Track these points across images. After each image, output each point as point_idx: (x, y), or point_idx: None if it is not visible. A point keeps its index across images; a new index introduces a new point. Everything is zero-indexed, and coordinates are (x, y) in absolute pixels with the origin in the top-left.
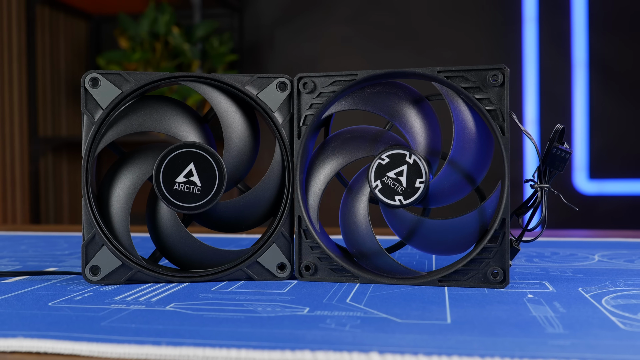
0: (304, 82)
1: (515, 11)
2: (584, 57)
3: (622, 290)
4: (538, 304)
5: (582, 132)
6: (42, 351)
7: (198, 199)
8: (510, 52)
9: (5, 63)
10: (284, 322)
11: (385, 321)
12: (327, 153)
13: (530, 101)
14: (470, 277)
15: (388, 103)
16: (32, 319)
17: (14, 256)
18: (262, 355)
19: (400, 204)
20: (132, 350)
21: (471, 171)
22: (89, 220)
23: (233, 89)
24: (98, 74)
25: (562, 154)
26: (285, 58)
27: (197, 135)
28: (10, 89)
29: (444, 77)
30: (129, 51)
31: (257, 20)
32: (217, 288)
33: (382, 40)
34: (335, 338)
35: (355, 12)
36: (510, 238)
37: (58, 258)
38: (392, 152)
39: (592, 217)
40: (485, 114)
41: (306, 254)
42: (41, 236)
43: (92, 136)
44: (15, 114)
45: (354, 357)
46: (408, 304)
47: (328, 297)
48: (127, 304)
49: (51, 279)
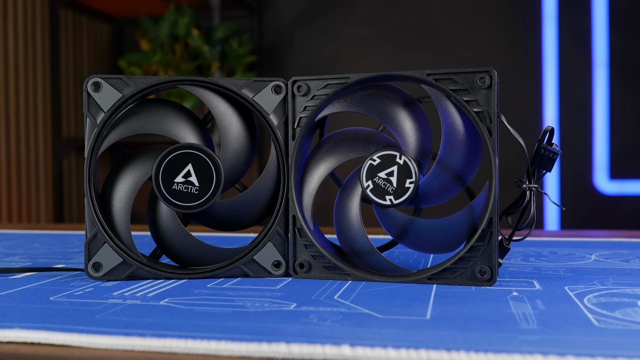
0: (298, 85)
1: (535, 11)
2: (605, 56)
3: (608, 289)
4: (520, 301)
5: (602, 132)
6: (36, 341)
7: (196, 199)
8: (530, 52)
9: (30, 66)
10: (269, 317)
11: (367, 316)
12: (321, 154)
13: (550, 101)
14: (458, 275)
15: (379, 105)
16: (32, 312)
17: (27, 253)
18: (239, 346)
19: (391, 203)
20: (119, 342)
21: (460, 171)
22: (92, 219)
23: (230, 92)
24: (100, 79)
25: (550, 154)
26: (304, 59)
27: (196, 137)
28: (35, 91)
29: (432, 79)
30: (149, 53)
31: (276, 22)
32: (213, 284)
33: (401, 41)
34: (313, 332)
35: (374, 13)
36: (502, 237)
37: (68, 255)
38: (383, 153)
39: (613, 218)
40: (473, 116)
41: (300, 252)
42: (55, 234)
43: (95, 138)
44: (39, 116)
45: (326, 349)
46: (393, 301)
47: (317, 294)
48: (124, 298)
49: (57, 275)
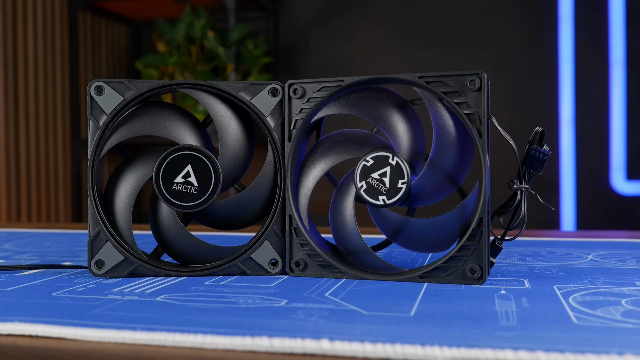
0: (294, 88)
1: (551, 10)
2: (621, 55)
3: (596, 287)
4: (506, 299)
5: (619, 132)
6: (33, 334)
7: (195, 199)
8: (546, 52)
9: (49, 68)
10: (257, 313)
11: (352, 313)
12: (317, 155)
13: (565, 101)
14: (449, 273)
15: (372, 107)
16: (33, 307)
17: (36, 251)
18: (224, 340)
19: (384, 203)
20: (111, 335)
21: (452, 172)
22: (95, 218)
23: (228, 95)
24: (102, 82)
25: (541, 155)
26: (320, 60)
27: (195, 138)
28: (54, 93)
29: (424, 82)
30: (166, 55)
31: (291, 23)
32: (211, 282)
33: (417, 41)
34: (298, 327)
35: (389, 13)
36: (495, 237)
37: (76, 253)
38: (376, 154)
39: (630, 218)
40: (463, 118)
41: (296, 250)
42: (67, 233)
43: (97, 140)
44: (58, 117)
45: (306, 343)
46: (381, 298)
47: (310, 291)
48: (123, 295)
49: (62, 272)
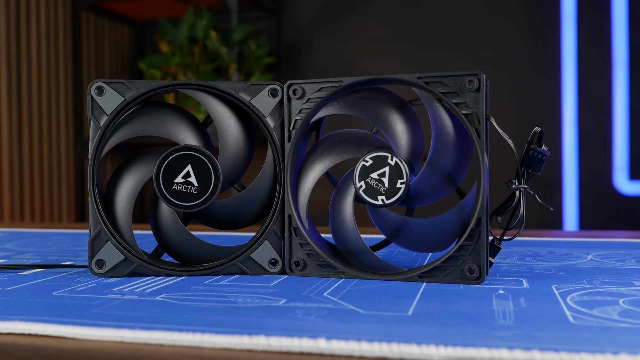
0: (293, 88)
1: (554, 10)
2: (624, 55)
3: (594, 287)
4: (504, 299)
5: (622, 132)
6: (33, 333)
7: (195, 199)
8: (548, 52)
9: (52, 68)
10: (256, 312)
11: (350, 312)
12: (316, 155)
13: (568, 101)
14: (448, 273)
15: (371, 107)
16: (33, 306)
17: (38, 251)
18: (221, 339)
19: (383, 203)
20: (110, 334)
21: (451, 172)
22: (95, 218)
23: (228, 95)
24: (103, 83)
25: (539, 155)
26: (322, 60)
27: (195, 139)
28: (57, 93)
29: (423, 83)
30: (169, 55)
31: (294, 23)
32: (211, 281)
33: (419, 41)
34: (295, 326)
35: (392, 14)
36: (494, 237)
37: (77, 253)
38: (375, 154)
39: (632, 218)
40: (462, 118)
41: (296, 250)
42: (69, 233)
43: (98, 140)
44: (61, 117)
45: (303, 342)
46: (380, 298)
47: (309, 291)
48: (123, 294)
49: (63, 271)
